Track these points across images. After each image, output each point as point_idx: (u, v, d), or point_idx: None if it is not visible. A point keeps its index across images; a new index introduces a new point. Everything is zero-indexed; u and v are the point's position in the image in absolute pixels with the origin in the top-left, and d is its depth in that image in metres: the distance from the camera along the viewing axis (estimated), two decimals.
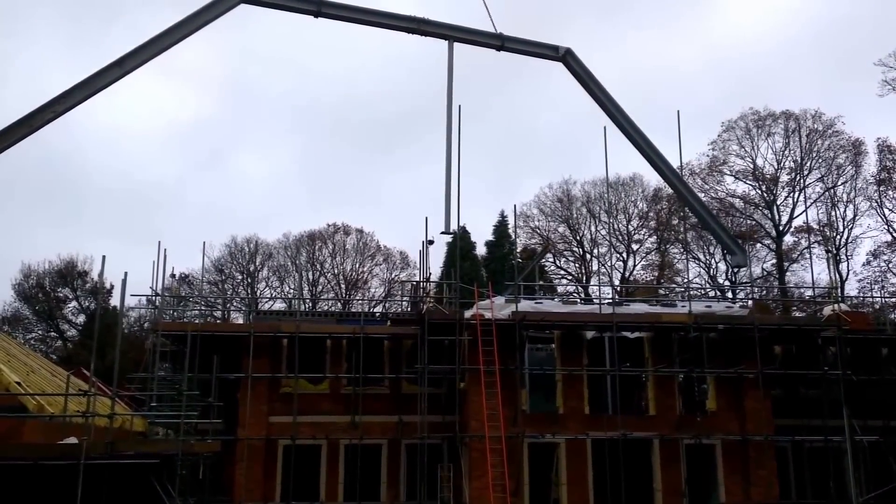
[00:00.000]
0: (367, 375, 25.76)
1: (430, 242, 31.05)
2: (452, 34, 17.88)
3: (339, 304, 59.54)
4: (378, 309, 56.48)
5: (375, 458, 25.96)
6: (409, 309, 33.88)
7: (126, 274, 25.97)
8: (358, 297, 60.91)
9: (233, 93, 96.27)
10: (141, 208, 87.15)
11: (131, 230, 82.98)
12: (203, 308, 37.12)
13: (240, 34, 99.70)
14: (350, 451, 25.51)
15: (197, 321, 29.31)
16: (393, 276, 63.33)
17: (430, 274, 32.07)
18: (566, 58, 19.14)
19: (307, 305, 53.70)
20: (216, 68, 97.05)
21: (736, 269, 34.49)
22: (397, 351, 26.81)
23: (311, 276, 62.80)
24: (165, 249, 26.74)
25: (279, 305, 59.64)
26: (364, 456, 25.34)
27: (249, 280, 62.86)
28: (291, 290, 60.72)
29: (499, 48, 18.57)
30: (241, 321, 46.31)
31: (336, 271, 63.62)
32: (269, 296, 61.00)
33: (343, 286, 62.95)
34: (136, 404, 33.25)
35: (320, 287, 62.89)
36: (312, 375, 26.22)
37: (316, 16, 17.41)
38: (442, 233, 17.08)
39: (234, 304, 56.81)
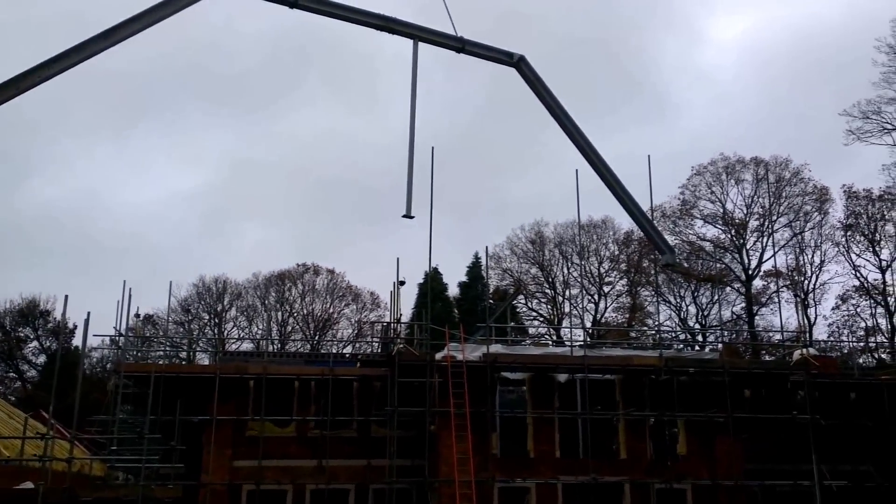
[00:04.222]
0: (335, 418, 25.29)
1: (402, 283, 30.89)
2: (418, 34, 18.46)
3: (308, 345, 58.89)
4: (348, 350, 55.97)
5: None
6: (379, 350, 33.51)
7: (89, 313, 25.56)
8: (327, 338, 60.35)
9: (232, 164, 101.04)
10: (114, 254, 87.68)
11: (100, 273, 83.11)
12: (168, 349, 36.43)
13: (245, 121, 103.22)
14: (316, 496, 24.92)
15: (161, 362, 28.70)
16: (363, 316, 62.94)
17: (400, 315, 31.80)
18: (519, 64, 19.56)
19: (275, 346, 53.04)
20: (218, 144, 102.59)
21: (666, 267, 35.42)
22: (367, 393, 26.37)
23: (280, 317, 62.19)
24: (130, 289, 26.34)
25: (247, 346, 58.96)
26: (331, 501, 24.77)
27: (217, 320, 62.08)
28: (260, 331, 60.02)
29: (459, 50, 19.08)
30: (207, 362, 45.53)
31: (305, 312, 63.08)
32: (236, 336, 60.26)
33: (312, 327, 62.36)
34: (95, 448, 32.42)
35: (289, 327, 62.25)
36: (279, 418, 25.69)
37: (291, 6, 17.69)
38: (403, 216, 16.84)
39: (201, 344, 55.97)
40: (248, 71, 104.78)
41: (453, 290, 59.56)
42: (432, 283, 45.83)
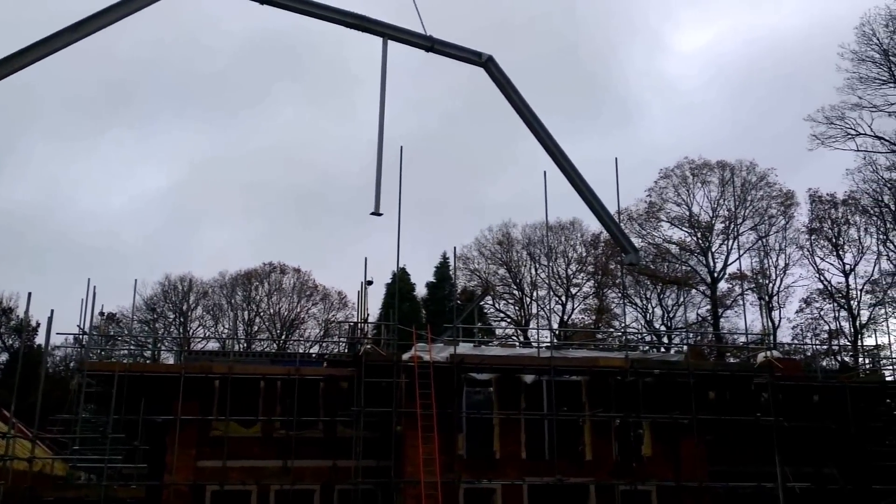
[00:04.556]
0: (301, 418, 25.14)
1: (370, 282, 30.72)
2: (387, 32, 18.53)
3: (274, 344, 58.47)
4: (314, 350, 55.67)
5: None
6: (346, 350, 33.36)
7: (52, 311, 25.14)
8: (294, 338, 59.97)
9: (201, 163, 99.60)
10: (80, 253, 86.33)
11: (66, 272, 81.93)
12: (132, 348, 35.98)
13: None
14: (281, 496, 24.75)
15: (125, 361, 28.35)
16: (330, 316, 62.65)
17: (368, 315, 31.66)
18: (488, 64, 19.71)
19: (241, 346, 52.58)
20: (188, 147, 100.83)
21: (629, 266, 36.18)
22: (333, 393, 26.24)
23: (246, 316, 61.69)
24: (95, 287, 25.96)
25: (212, 345, 58.41)
26: (296, 502, 24.61)
27: (182, 319, 61.42)
28: (226, 330, 59.49)
29: (428, 49, 19.20)
30: (172, 361, 44.99)
31: (272, 311, 62.64)
32: (202, 335, 59.68)
33: (279, 326, 61.96)
34: (57, 447, 31.93)
35: (256, 327, 61.77)
36: (244, 418, 25.47)
37: (261, 2, 17.65)
38: (371, 213, 16.84)
39: (166, 343, 55.36)
40: (220, 72, 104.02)
41: (421, 291, 59.58)
42: (400, 283, 45.77)
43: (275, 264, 63.62)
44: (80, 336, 26.41)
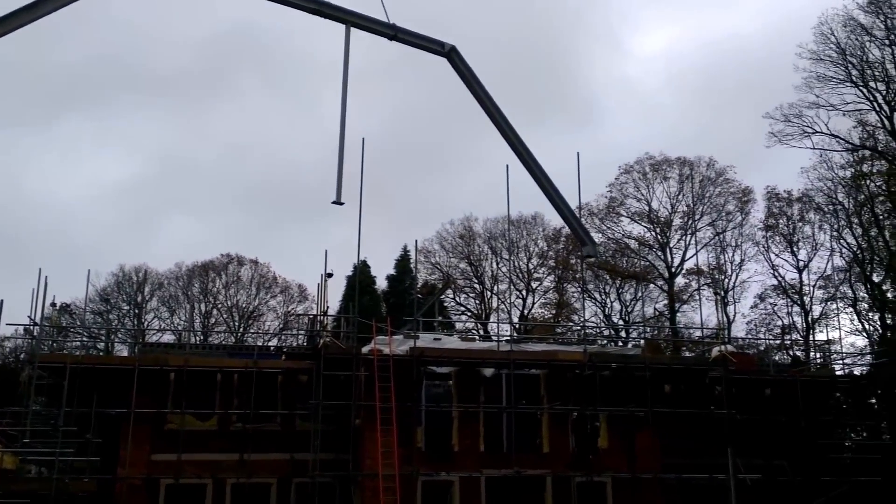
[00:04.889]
0: (258, 412, 24.92)
1: (330, 275, 30.56)
2: (350, 19, 18.51)
3: (231, 337, 57.80)
4: (273, 343, 55.17)
5: (264, 498, 25.03)
6: (305, 343, 33.11)
7: (1, 301, 24.61)
8: (252, 331, 59.38)
9: (163, 157, 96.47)
10: (33, 244, 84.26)
11: (16, 262, 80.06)
12: (85, 339, 35.32)
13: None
14: (237, 490, 24.55)
15: (78, 353, 27.85)
16: (290, 309, 62.10)
17: (327, 307, 31.48)
18: (451, 54, 19.71)
19: (198, 338, 51.95)
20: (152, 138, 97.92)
21: (587, 259, 36.71)
22: (291, 386, 26.06)
23: (203, 308, 60.87)
24: (46, 277, 25.42)
25: (168, 338, 57.57)
26: (252, 495, 24.42)
27: (137, 311, 60.39)
28: (182, 322, 58.63)
29: (391, 38, 19.19)
30: (126, 354, 44.31)
31: (230, 303, 61.90)
32: (157, 328, 58.79)
33: (237, 319, 61.28)
34: (7, 440, 31.31)
35: (213, 319, 60.97)
36: (200, 412, 25.18)
37: None
38: (333, 202, 16.75)
39: (119, 335, 54.40)
40: (184, 65, 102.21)
41: (382, 284, 59.33)
42: (361, 275, 45.56)
43: (232, 255, 62.85)
44: (31, 327, 25.88)
